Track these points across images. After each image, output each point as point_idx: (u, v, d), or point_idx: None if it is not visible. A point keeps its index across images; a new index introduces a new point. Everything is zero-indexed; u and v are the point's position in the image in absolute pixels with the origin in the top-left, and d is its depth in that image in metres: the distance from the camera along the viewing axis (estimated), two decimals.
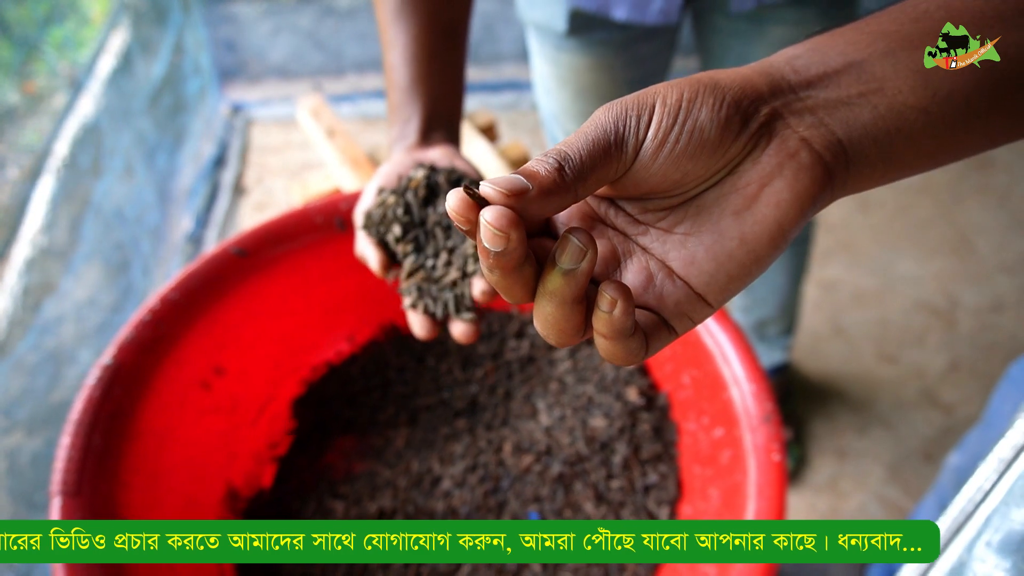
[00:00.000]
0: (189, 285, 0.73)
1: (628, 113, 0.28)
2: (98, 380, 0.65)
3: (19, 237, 1.36)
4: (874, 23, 0.31)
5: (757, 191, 0.29)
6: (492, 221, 0.26)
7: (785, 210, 0.29)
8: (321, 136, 1.44)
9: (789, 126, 0.29)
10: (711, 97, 0.28)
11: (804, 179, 0.29)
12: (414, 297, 0.58)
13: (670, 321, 0.31)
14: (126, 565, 0.57)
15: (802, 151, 0.29)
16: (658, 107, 0.28)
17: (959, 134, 0.30)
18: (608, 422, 0.78)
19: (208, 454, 0.75)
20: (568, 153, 0.28)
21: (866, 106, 0.29)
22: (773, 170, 0.29)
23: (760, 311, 1.29)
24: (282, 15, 2.19)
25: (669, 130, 0.28)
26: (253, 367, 0.79)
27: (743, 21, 0.89)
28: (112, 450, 0.63)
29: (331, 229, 0.80)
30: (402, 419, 0.84)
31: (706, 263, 0.30)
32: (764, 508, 0.58)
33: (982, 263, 1.67)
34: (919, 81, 0.29)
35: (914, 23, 0.30)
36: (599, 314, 0.28)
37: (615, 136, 0.28)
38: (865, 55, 0.30)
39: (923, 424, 1.42)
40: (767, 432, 0.62)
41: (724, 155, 0.29)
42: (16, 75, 1.48)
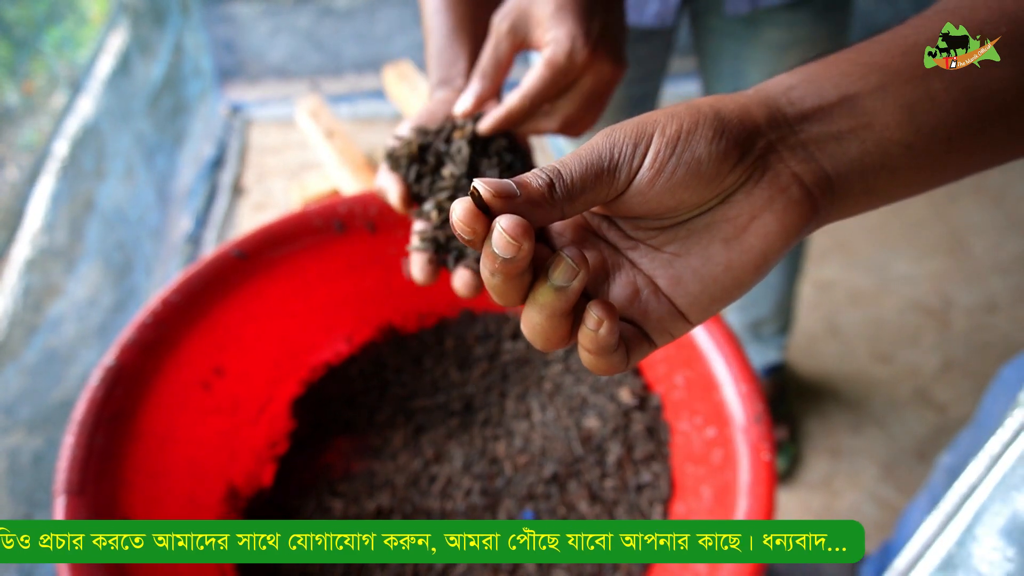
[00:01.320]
0: (190, 287, 0.74)
1: (625, 141, 0.29)
2: (101, 381, 0.66)
3: (20, 237, 1.37)
4: (866, 54, 0.32)
5: (747, 223, 0.30)
6: (507, 229, 0.27)
7: (772, 241, 0.30)
8: (320, 137, 1.45)
9: (783, 160, 0.30)
10: (710, 130, 0.29)
11: (792, 214, 0.30)
12: (421, 239, 0.56)
13: (651, 335, 0.32)
14: (131, 565, 0.58)
15: (793, 186, 0.30)
16: (656, 137, 0.29)
17: (938, 167, 0.32)
18: (602, 422, 0.79)
19: (209, 454, 0.76)
20: (561, 172, 0.29)
21: (855, 140, 0.31)
22: (764, 203, 0.30)
23: (756, 311, 1.30)
24: (281, 15, 2.20)
25: (666, 161, 0.29)
26: (253, 368, 0.81)
27: (738, 23, 0.90)
28: (115, 450, 0.64)
29: (330, 231, 0.81)
30: (399, 419, 0.85)
31: (692, 284, 0.31)
32: (754, 505, 0.59)
33: (976, 264, 1.69)
34: (905, 116, 0.30)
35: (903, 56, 0.31)
36: (585, 330, 0.30)
37: (609, 163, 0.29)
38: (858, 88, 0.31)
39: (916, 423, 1.43)
40: (758, 432, 0.63)
41: (719, 186, 0.30)
42: (15, 75, 1.48)
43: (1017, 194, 1.81)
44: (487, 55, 0.57)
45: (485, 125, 0.56)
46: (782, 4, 0.85)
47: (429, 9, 0.63)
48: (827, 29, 0.90)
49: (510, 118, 0.55)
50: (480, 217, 0.28)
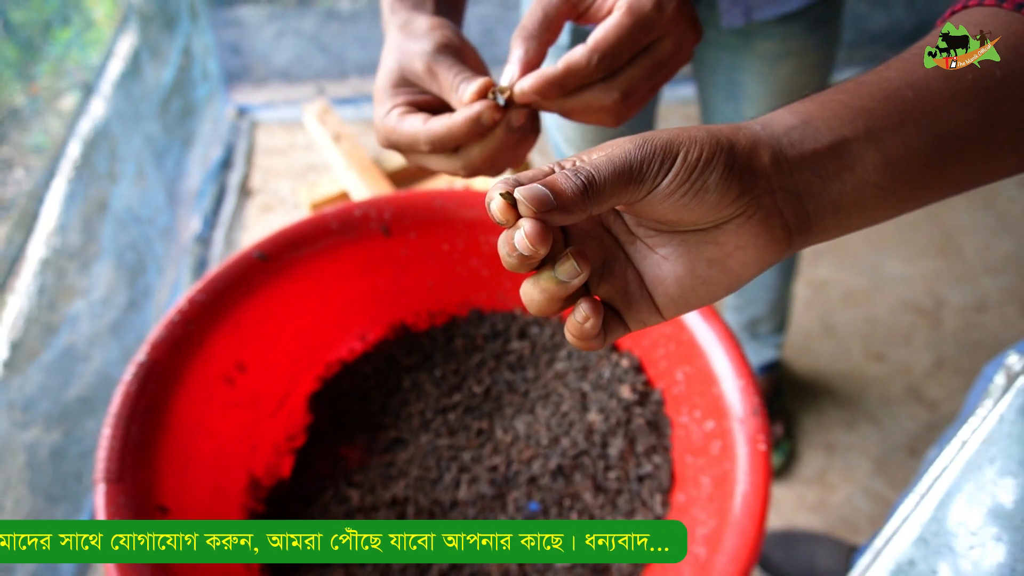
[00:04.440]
0: (215, 287, 0.78)
1: (655, 156, 0.33)
2: (134, 376, 0.69)
3: (34, 237, 1.40)
4: (856, 96, 0.36)
5: (732, 250, 0.35)
6: (530, 235, 0.31)
7: (747, 269, 0.35)
8: (328, 140, 1.49)
9: (776, 203, 0.34)
10: (722, 164, 0.33)
11: (771, 250, 0.35)
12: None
13: (628, 321, 0.37)
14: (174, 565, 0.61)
15: (778, 228, 0.34)
16: (679, 160, 0.33)
17: (901, 203, 0.36)
18: (604, 416, 0.83)
19: (232, 445, 0.80)
20: (595, 178, 0.32)
21: (836, 182, 0.35)
22: (751, 238, 0.34)
23: (752, 310, 1.34)
24: (286, 19, 2.23)
25: (682, 184, 0.33)
26: (272, 364, 0.84)
27: (733, 35, 0.94)
28: (148, 440, 0.68)
29: (345, 234, 0.85)
30: (411, 413, 0.89)
31: (672, 288, 0.36)
32: (751, 493, 0.63)
33: (967, 264, 1.73)
34: (883, 162, 0.35)
35: (887, 101, 0.35)
36: (573, 321, 0.35)
37: (638, 173, 0.33)
38: (847, 133, 0.35)
39: (909, 420, 1.47)
40: (754, 424, 0.67)
41: (716, 214, 0.34)
42: (22, 76, 1.51)
43: (1007, 196, 1.85)
44: (534, 11, 0.48)
45: (529, 84, 0.46)
46: (775, 17, 0.89)
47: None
48: (818, 40, 0.94)
49: (569, 76, 0.45)
50: (512, 211, 0.32)
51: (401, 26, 0.51)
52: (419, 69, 0.47)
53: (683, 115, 2.11)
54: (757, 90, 0.97)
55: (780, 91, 0.97)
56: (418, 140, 0.46)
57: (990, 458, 0.45)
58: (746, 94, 0.98)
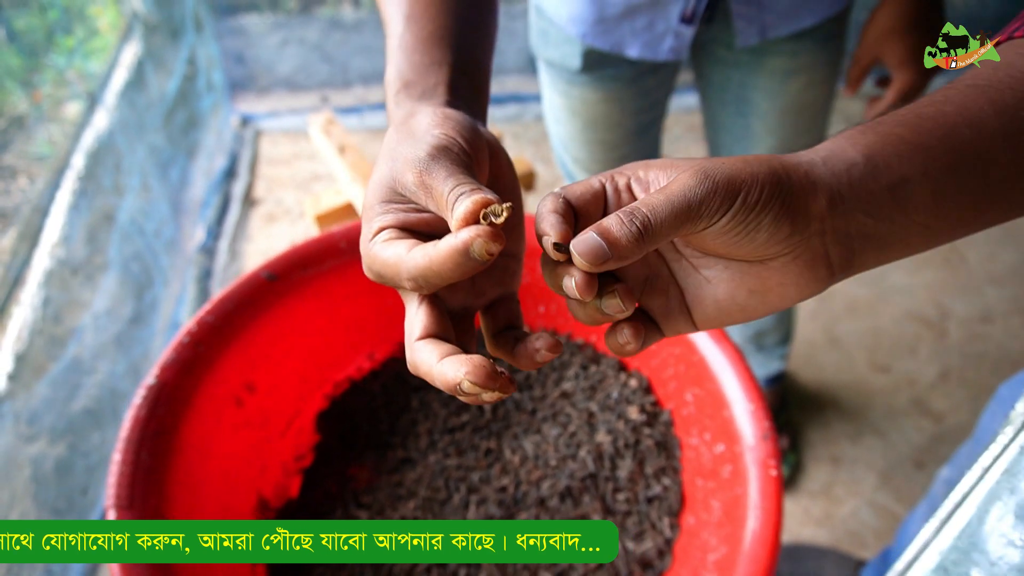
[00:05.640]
0: (224, 308, 0.77)
1: (716, 195, 0.32)
2: (143, 399, 0.69)
3: (39, 250, 1.40)
4: (915, 133, 0.34)
5: (774, 285, 0.35)
6: (580, 286, 0.33)
7: (786, 301, 0.35)
8: (332, 152, 1.49)
9: (826, 245, 0.34)
10: (779, 207, 0.33)
11: (812, 289, 0.35)
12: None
13: (663, 329, 0.38)
14: (175, 565, 0.61)
15: (822, 268, 0.34)
16: (739, 201, 0.32)
17: (938, 240, 0.36)
18: (613, 437, 0.83)
19: (241, 466, 0.80)
20: (651, 222, 0.32)
21: (886, 222, 0.34)
22: (795, 277, 0.34)
23: (758, 323, 1.34)
24: (290, 28, 2.23)
25: (739, 224, 0.33)
26: (282, 384, 0.84)
27: (745, 53, 0.94)
28: (158, 464, 0.67)
29: (354, 253, 0.85)
30: (419, 432, 0.89)
31: (710, 309, 0.37)
32: (763, 519, 0.63)
33: (972, 275, 1.73)
34: (933, 203, 0.34)
35: (944, 140, 0.34)
36: (614, 340, 0.36)
37: (696, 213, 0.32)
38: (904, 173, 0.34)
39: (914, 432, 1.47)
40: (765, 449, 0.67)
41: (764, 253, 0.34)
42: (25, 84, 1.51)
43: None
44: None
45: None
46: (788, 35, 0.89)
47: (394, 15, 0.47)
48: (827, 55, 0.94)
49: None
50: (564, 254, 0.33)
51: (400, 123, 0.40)
52: (410, 181, 0.36)
53: (687, 124, 2.11)
54: (768, 106, 0.97)
55: (790, 107, 0.97)
56: (399, 274, 0.35)
57: (1011, 489, 0.44)
58: (756, 110, 0.98)
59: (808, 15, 0.87)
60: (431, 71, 0.44)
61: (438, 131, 0.38)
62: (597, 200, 0.36)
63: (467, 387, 0.33)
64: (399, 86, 0.43)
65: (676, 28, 0.86)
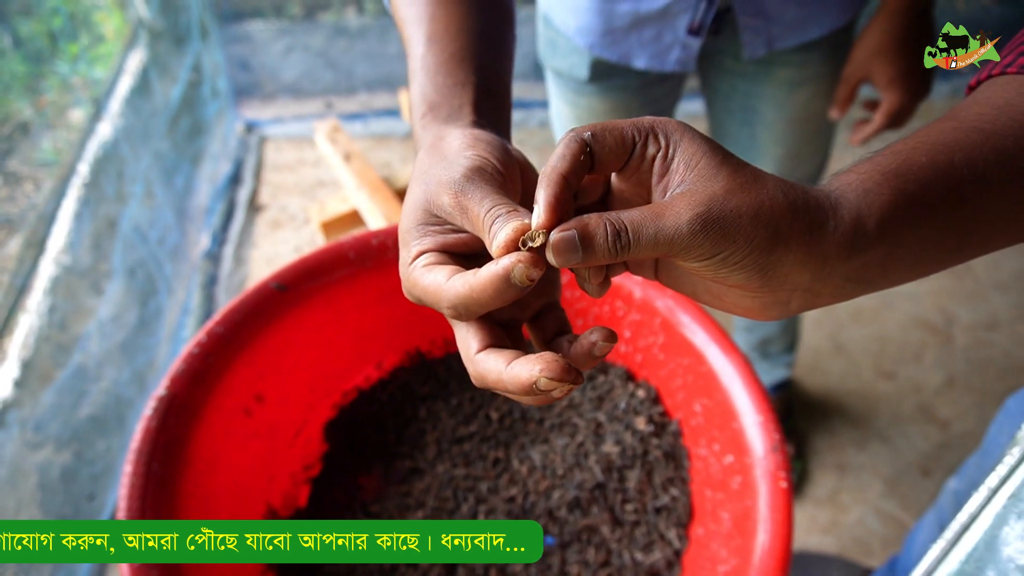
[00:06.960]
0: (233, 318, 0.78)
1: (700, 247, 0.32)
2: (154, 411, 0.69)
3: (45, 257, 1.40)
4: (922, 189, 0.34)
5: (730, 306, 0.36)
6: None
7: (745, 313, 0.37)
8: (338, 160, 1.49)
9: (791, 299, 0.35)
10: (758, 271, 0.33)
11: (764, 316, 0.36)
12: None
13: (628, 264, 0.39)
14: (186, 565, 0.61)
15: (777, 310, 0.35)
16: (719, 258, 0.32)
17: (919, 274, 0.36)
18: (621, 448, 0.83)
19: (250, 476, 0.80)
20: (630, 246, 0.32)
21: (878, 268, 0.34)
22: (746, 308, 0.36)
23: (763, 330, 1.34)
24: (294, 34, 2.24)
25: (710, 269, 0.33)
26: (290, 394, 0.84)
27: (752, 64, 0.94)
28: (169, 477, 0.68)
29: (363, 263, 0.85)
30: (427, 442, 0.89)
31: (672, 287, 0.39)
32: (774, 531, 0.63)
33: (977, 281, 1.73)
34: (916, 263, 0.35)
35: (944, 198, 0.34)
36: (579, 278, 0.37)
37: (674, 252, 0.32)
38: (909, 239, 0.34)
39: (920, 439, 1.47)
40: (775, 461, 0.67)
41: (729, 285, 0.34)
42: (30, 90, 1.52)
43: None
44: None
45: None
46: (795, 46, 0.90)
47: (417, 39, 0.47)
48: (833, 67, 0.95)
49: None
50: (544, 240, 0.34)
51: (431, 146, 0.41)
52: (446, 203, 0.37)
53: None
54: (774, 116, 0.97)
55: (797, 117, 0.97)
56: (439, 302, 0.36)
57: (1018, 513, 0.44)
58: (762, 120, 0.98)
59: (815, 27, 0.88)
60: (455, 92, 0.44)
61: (471, 152, 0.38)
62: (622, 157, 0.35)
63: (544, 384, 0.33)
64: (424, 109, 0.44)
65: (684, 40, 0.86)
